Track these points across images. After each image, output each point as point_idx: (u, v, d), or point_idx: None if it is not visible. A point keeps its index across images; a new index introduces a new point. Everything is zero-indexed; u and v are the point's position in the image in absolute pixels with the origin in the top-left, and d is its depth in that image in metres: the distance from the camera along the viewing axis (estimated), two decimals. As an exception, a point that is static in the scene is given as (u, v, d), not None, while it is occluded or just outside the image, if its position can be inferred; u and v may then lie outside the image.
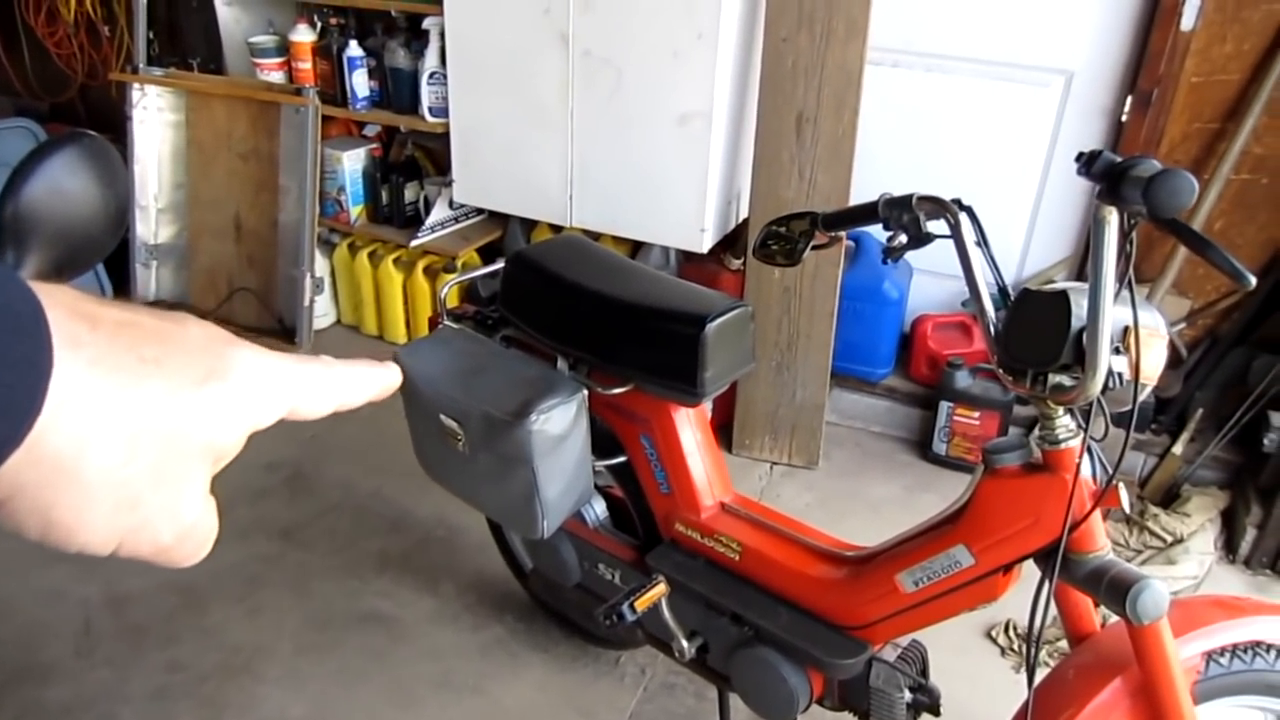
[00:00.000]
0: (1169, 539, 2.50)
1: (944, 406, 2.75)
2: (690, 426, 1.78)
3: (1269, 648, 1.40)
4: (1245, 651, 1.39)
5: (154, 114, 3.14)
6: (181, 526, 0.36)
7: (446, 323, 1.94)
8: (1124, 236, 1.18)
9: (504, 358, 1.80)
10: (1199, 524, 2.51)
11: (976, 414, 2.72)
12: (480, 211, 3.17)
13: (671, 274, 3.03)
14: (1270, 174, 2.48)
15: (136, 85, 3.10)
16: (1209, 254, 1.01)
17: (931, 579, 1.47)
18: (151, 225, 3.26)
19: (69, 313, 0.32)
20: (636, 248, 3.07)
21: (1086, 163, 1.08)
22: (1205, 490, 2.61)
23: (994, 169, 2.74)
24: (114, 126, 3.25)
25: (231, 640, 2.15)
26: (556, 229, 2.99)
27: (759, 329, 2.71)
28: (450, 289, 2.01)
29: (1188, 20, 2.36)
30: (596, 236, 3.02)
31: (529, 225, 3.10)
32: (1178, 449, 2.64)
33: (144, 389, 0.33)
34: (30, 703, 1.99)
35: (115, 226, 1.02)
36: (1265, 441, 2.37)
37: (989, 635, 2.21)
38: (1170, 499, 2.64)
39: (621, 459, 1.85)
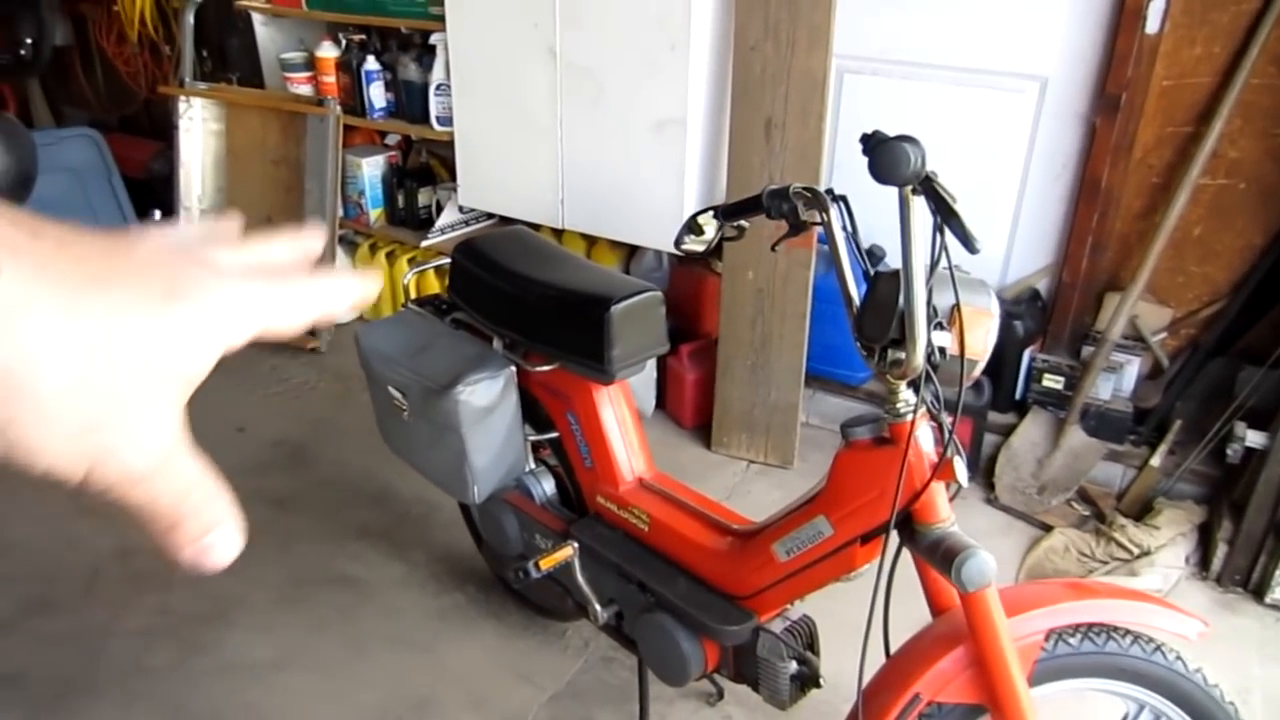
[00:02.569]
0: (1135, 551, 2.48)
1: (918, 409, 2.78)
2: (610, 404, 1.89)
3: (1125, 633, 1.43)
4: (1098, 634, 1.42)
5: (199, 124, 3.44)
6: (153, 454, 0.33)
7: (409, 306, 2.12)
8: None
9: (449, 338, 1.96)
10: (1168, 537, 2.49)
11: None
12: (490, 215, 3.35)
13: (664, 277, 3.18)
14: (1247, 179, 2.46)
15: (183, 98, 3.41)
16: (949, 221, 1.09)
17: (800, 549, 1.55)
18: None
19: (6, 222, 0.31)
20: (632, 251, 3.21)
21: (863, 142, 1.17)
22: (1179, 504, 2.58)
23: (973, 176, 2.77)
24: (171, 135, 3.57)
25: (216, 590, 2.36)
26: (558, 232, 3.15)
27: (733, 330, 2.80)
28: (411, 277, 2.20)
29: (1152, 24, 2.38)
30: (592, 240, 3.17)
31: (534, 229, 3.27)
32: (1155, 461, 2.62)
33: (98, 299, 0.31)
34: (33, 630, 2.24)
35: (19, 190, 1.23)
36: (1228, 452, 2.35)
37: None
38: (1147, 512, 2.62)
39: (554, 434, 1.98)
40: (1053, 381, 2.75)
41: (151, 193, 3.71)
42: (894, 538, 1.45)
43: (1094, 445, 2.69)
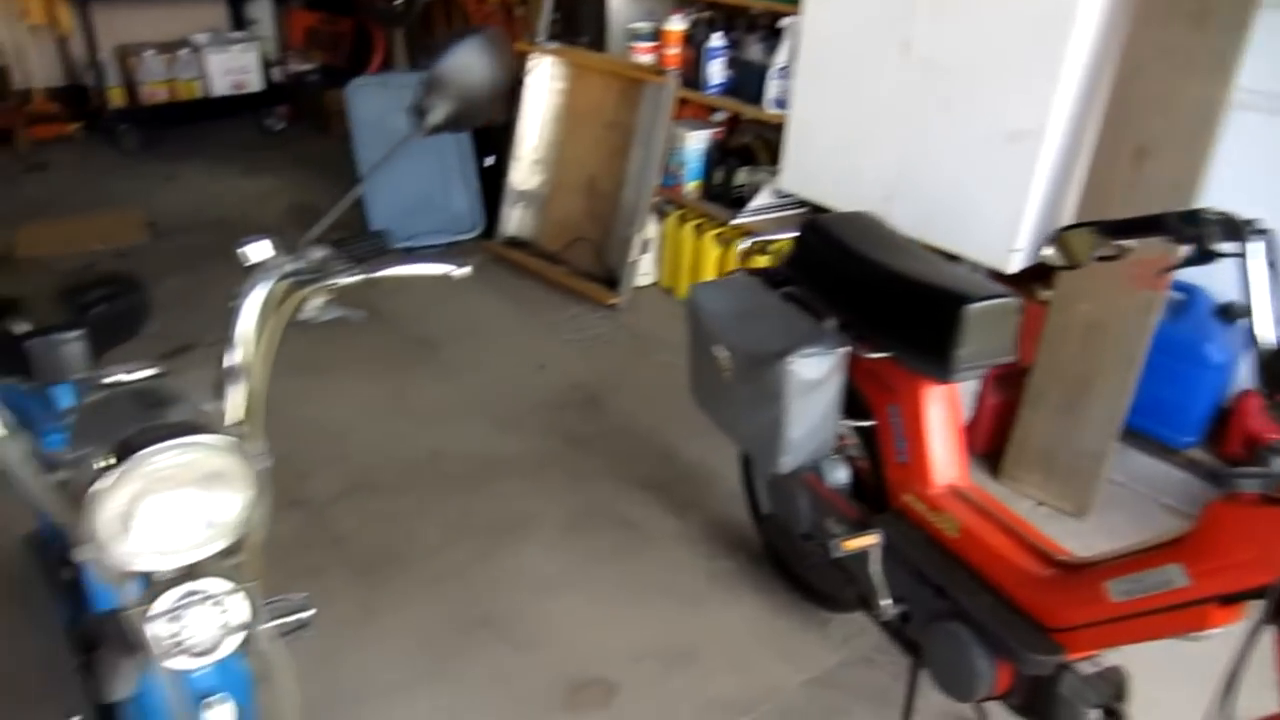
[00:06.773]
0: None
1: (1245, 485, 2.52)
2: (939, 404, 1.85)
3: None
4: None
5: (544, 81, 3.71)
6: None
7: (743, 272, 2.18)
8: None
9: (780, 309, 2.00)
10: None
11: (1284, 501, 2.46)
12: (802, 205, 3.37)
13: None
14: None
15: (534, 54, 3.68)
16: None
17: (1140, 592, 1.45)
18: (524, 174, 3.83)
19: None
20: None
21: None
22: None
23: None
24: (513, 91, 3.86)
25: (514, 506, 2.58)
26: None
27: (1051, 362, 2.66)
28: (746, 246, 2.26)
29: None
30: (906, 243, 3.11)
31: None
32: None
33: None
34: (357, 504, 2.58)
35: (496, 98, 1.37)
36: None
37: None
38: None
39: (869, 423, 1.96)
40: None
41: (490, 139, 4.02)
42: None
43: None
